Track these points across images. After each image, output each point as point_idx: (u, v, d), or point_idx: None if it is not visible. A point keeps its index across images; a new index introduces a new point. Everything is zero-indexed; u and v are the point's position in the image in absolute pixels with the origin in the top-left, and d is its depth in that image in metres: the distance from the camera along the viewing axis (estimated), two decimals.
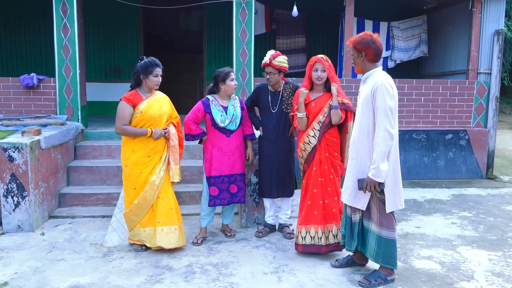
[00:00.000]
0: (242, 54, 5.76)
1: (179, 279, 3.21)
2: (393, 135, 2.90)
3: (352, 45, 3.03)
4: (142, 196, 3.59)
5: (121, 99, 3.59)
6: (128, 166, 3.62)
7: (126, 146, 3.64)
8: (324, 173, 3.53)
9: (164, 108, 3.68)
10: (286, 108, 3.94)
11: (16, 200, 4.12)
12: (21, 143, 4.11)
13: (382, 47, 3.02)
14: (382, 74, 2.99)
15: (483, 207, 5.11)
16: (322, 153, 3.54)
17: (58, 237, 4.04)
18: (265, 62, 3.85)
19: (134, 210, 3.63)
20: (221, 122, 3.79)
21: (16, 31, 8.05)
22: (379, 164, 2.87)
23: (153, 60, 3.60)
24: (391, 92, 2.91)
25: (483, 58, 6.49)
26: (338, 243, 3.54)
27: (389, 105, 2.87)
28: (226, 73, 3.81)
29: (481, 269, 3.43)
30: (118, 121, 3.56)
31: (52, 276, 3.25)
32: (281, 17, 7.93)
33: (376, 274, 3.10)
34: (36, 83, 5.68)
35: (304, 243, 3.56)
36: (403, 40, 7.66)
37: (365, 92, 3.00)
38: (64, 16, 5.47)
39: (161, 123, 3.65)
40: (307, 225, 3.53)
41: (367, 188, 2.95)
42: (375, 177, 2.90)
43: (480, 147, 6.50)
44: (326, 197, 3.52)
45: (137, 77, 3.61)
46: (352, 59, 3.13)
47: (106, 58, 8.17)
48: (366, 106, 2.98)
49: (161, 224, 3.63)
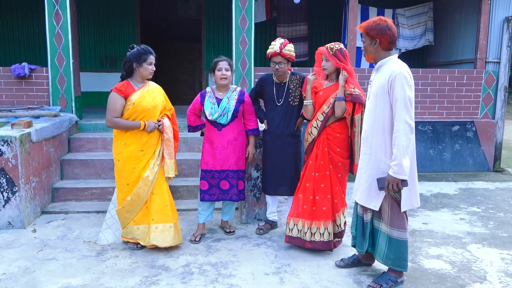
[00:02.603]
0: (242, 42, 5.54)
1: (176, 280, 3.05)
2: (413, 128, 2.67)
3: (365, 31, 2.78)
4: (135, 192, 3.40)
5: (112, 90, 3.37)
6: (121, 161, 3.42)
7: (118, 139, 3.44)
8: (319, 168, 3.36)
9: (158, 99, 3.47)
10: (293, 101, 3.72)
11: (6, 195, 3.94)
12: (10, 136, 3.91)
13: (398, 34, 2.79)
14: (399, 63, 2.76)
15: (492, 202, 4.93)
16: (320, 147, 3.37)
17: (50, 234, 3.87)
18: (274, 51, 3.58)
19: (127, 207, 3.45)
20: (209, 115, 3.61)
21: (6, 18, 7.80)
22: (401, 160, 2.63)
23: (146, 48, 3.39)
24: (410, 82, 2.68)
25: (491, 46, 6.26)
26: (324, 242, 3.38)
27: (409, 95, 2.64)
28: (214, 62, 3.63)
29: (493, 269, 3.26)
30: (109, 114, 3.34)
31: (42, 277, 3.08)
32: (282, 4, 7.68)
33: (386, 276, 2.92)
34: (28, 73, 5.48)
35: (290, 235, 3.50)
36: (409, 28, 7.42)
37: (380, 81, 2.76)
38: (56, 3, 5.25)
39: (155, 115, 3.44)
40: (296, 218, 3.45)
41: (389, 188, 2.71)
42: (397, 175, 2.66)
43: (487, 139, 6.30)
44: (318, 193, 3.37)
45: (129, 66, 3.38)
46: (363, 46, 2.88)
47: (101, 47, 7.93)
48: (381, 97, 2.75)
49: (156, 222, 3.45)
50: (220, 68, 3.58)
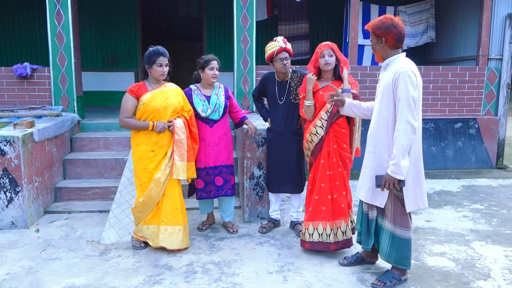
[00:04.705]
0: (244, 41, 5.52)
1: (179, 279, 3.05)
2: (415, 128, 2.65)
3: (371, 30, 2.76)
4: (147, 194, 3.40)
5: (126, 90, 3.45)
6: (134, 161, 3.46)
7: (132, 140, 3.49)
8: (332, 166, 3.33)
9: (172, 100, 3.44)
10: (295, 99, 3.71)
11: (9, 195, 3.94)
12: (13, 136, 3.92)
13: (404, 32, 2.75)
14: (405, 61, 2.74)
15: (495, 199, 4.92)
16: (330, 145, 3.33)
17: (53, 234, 3.88)
18: (280, 47, 3.61)
19: (139, 207, 3.46)
20: (202, 112, 3.66)
21: (8, 18, 7.80)
22: (399, 160, 2.63)
23: (157, 49, 3.39)
24: (414, 81, 2.65)
25: (494, 43, 6.22)
26: (347, 240, 3.36)
27: (412, 95, 2.62)
28: (205, 61, 3.67)
29: (497, 266, 3.25)
30: (121, 114, 3.42)
31: (46, 277, 3.08)
32: (283, 2, 7.65)
33: (390, 274, 2.91)
34: (30, 72, 5.48)
35: (311, 240, 3.37)
36: (410, 25, 7.38)
37: (386, 80, 2.74)
38: (57, 3, 5.24)
39: (166, 115, 3.41)
40: (315, 221, 3.35)
41: (385, 186, 2.72)
42: (394, 174, 2.66)
43: (490, 136, 6.28)
44: (335, 191, 3.33)
45: (143, 67, 3.47)
46: (371, 45, 2.87)
47: (102, 46, 7.92)
48: (386, 96, 2.73)
49: (165, 224, 3.44)
50: (212, 67, 3.66)
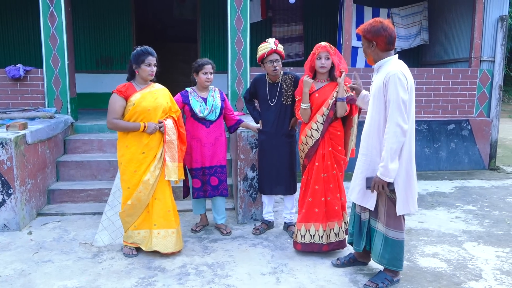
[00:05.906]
0: (238, 43, 5.53)
1: (172, 281, 3.04)
2: (406, 131, 2.66)
3: (362, 34, 2.78)
4: (136, 196, 3.35)
5: (113, 91, 3.36)
6: (123, 163, 3.37)
7: (120, 142, 3.40)
8: (327, 168, 3.34)
9: (161, 100, 3.41)
10: (286, 101, 3.73)
11: (1, 198, 3.92)
12: (5, 138, 3.90)
13: (395, 34, 2.77)
14: (397, 63, 2.75)
15: (487, 200, 4.95)
16: (325, 148, 3.35)
17: (46, 236, 3.86)
18: (271, 49, 3.62)
19: (128, 211, 3.40)
20: (200, 112, 3.71)
21: (1, 20, 7.77)
22: (388, 163, 2.64)
23: (145, 49, 3.35)
24: (404, 83, 2.66)
25: (486, 45, 6.28)
26: (340, 242, 3.38)
27: (402, 97, 2.63)
28: (199, 65, 3.71)
29: (489, 267, 3.28)
30: (109, 115, 3.32)
31: (38, 279, 3.07)
32: (277, 4, 7.67)
33: (382, 275, 2.93)
34: (23, 74, 5.45)
35: (303, 242, 3.39)
36: (404, 27, 7.44)
37: (377, 82, 2.76)
38: (50, 4, 5.22)
39: (156, 116, 3.36)
40: (307, 223, 3.36)
41: (374, 188, 2.74)
42: (383, 176, 2.68)
43: (482, 138, 6.33)
44: (329, 194, 3.34)
45: (130, 67, 3.39)
46: (363, 49, 2.87)
47: (96, 48, 7.90)
48: (377, 98, 2.75)
49: (158, 227, 3.40)
50: (206, 72, 3.70)
